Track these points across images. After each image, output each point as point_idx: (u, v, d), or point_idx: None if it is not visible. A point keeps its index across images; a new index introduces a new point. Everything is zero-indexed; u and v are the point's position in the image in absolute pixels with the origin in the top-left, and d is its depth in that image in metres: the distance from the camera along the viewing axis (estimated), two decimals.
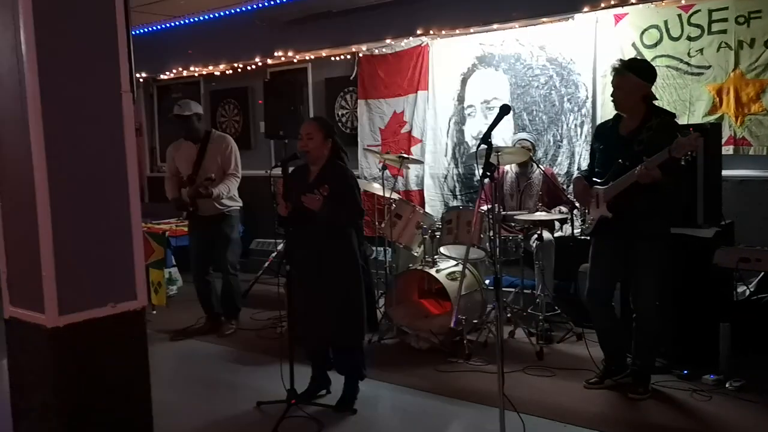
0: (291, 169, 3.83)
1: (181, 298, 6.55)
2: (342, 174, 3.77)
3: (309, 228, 3.70)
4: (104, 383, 1.79)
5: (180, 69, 8.21)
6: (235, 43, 7.61)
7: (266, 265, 6.74)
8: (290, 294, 3.75)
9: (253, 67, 7.65)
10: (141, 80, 8.89)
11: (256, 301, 6.14)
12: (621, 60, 4.00)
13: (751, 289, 4.51)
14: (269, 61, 7.50)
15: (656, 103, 3.90)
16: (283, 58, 7.29)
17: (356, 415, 3.79)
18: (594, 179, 3.95)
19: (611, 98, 3.90)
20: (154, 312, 6.03)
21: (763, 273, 4.52)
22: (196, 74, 8.32)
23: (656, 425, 3.54)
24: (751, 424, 3.49)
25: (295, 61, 7.43)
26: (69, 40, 1.68)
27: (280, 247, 6.66)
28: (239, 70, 7.84)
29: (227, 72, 7.99)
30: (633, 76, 3.79)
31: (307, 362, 3.99)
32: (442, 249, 5.10)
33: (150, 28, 8.27)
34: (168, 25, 8.15)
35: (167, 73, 8.47)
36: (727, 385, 3.92)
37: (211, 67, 7.99)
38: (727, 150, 4.92)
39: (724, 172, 4.55)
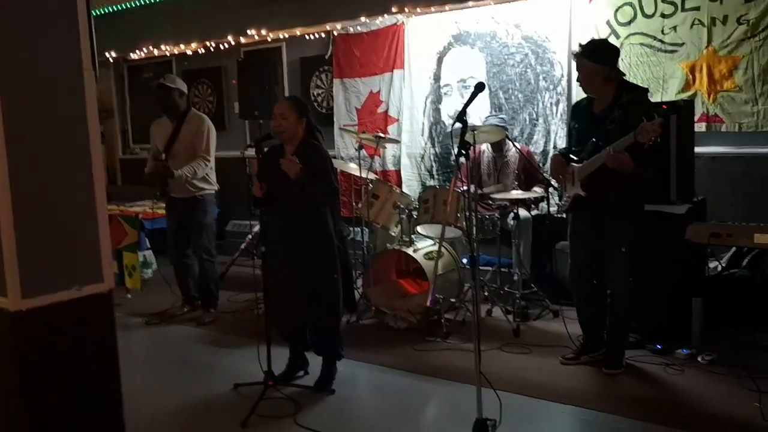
0: (265, 149, 3.79)
1: (156, 281, 6.48)
2: (317, 153, 3.74)
3: (284, 208, 3.67)
4: (70, 367, 1.76)
5: (151, 48, 8.05)
6: (206, 21, 7.47)
7: (243, 246, 6.69)
8: (266, 275, 3.73)
9: (226, 46, 7.53)
10: (111, 60, 8.72)
11: (233, 283, 6.11)
12: (581, 44, 3.98)
13: (723, 265, 4.58)
14: (242, 40, 7.38)
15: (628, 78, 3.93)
16: (256, 37, 7.17)
17: (334, 395, 3.80)
18: (572, 156, 3.96)
19: (580, 84, 3.91)
20: (129, 296, 5.98)
21: (734, 248, 4.59)
22: (168, 53, 8.17)
23: (630, 399, 3.59)
24: (721, 397, 3.55)
25: (268, 39, 7.33)
26: (24, 17, 1.61)
27: (256, 228, 6.60)
28: (212, 49, 7.71)
29: (200, 51, 7.85)
30: (587, 62, 3.80)
31: (284, 343, 3.98)
32: (419, 228, 5.10)
33: (119, 6, 8.09)
34: (138, 3, 7.98)
35: (138, 52, 8.30)
36: (699, 359, 3.99)
37: (182, 46, 7.84)
38: (700, 127, 4.95)
39: (697, 149, 4.59)
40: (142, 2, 7.95)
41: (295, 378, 3.98)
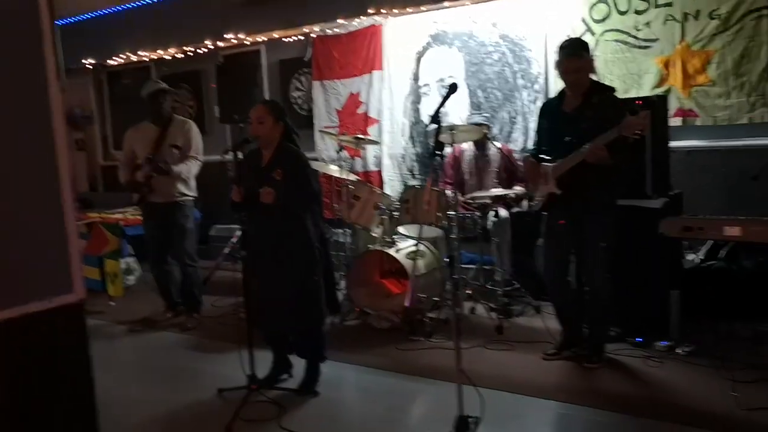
0: (243, 153, 3.80)
1: (139, 287, 6.47)
2: (295, 157, 3.74)
3: (263, 213, 3.67)
4: (41, 380, 1.75)
5: (129, 54, 8.02)
6: (184, 26, 7.46)
7: (226, 251, 6.68)
8: (247, 280, 3.73)
9: (205, 50, 7.52)
10: (89, 67, 8.67)
11: (216, 287, 6.09)
12: (572, 41, 4.01)
13: (701, 257, 4.64)
14: (221, 44, 7.38)
15: (594, 77, 3.97)
16: (234, 41, 7.17)
17: (318, 397, 3.81)
18: (542, 156, 3.99)
19: (569, 81, 3.87)
20: (112, 303, 5.96)
21: (711, 241, 4.65)
22: (146, 59, 8.14)
23: (611, 393, 3.63)
24: (700, 387, 3.60)
25: (247, 43, 7.33)
26: None
27: (239, 232, 6.60)
28: (190, 54, 7.70)
29: (178, 56, 7.83)
30: (588, 57, 3.86)
31: (267, 347, 3.99)
32: (400, 228, 5.13)
33: (96, 13, 8.05)
34: (114, 9, 7.94)
35: (116, 58, 8.26)
36: (678, 351, 4.04)
37: (161, 52, 7.82)
38: (675, 121, 5.02)
39: (672, 143, 4.64)
40: (119, 8, 7.91)
41: (278, 381, 3.98)
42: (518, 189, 5.24)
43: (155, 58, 8.08)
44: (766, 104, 4.73)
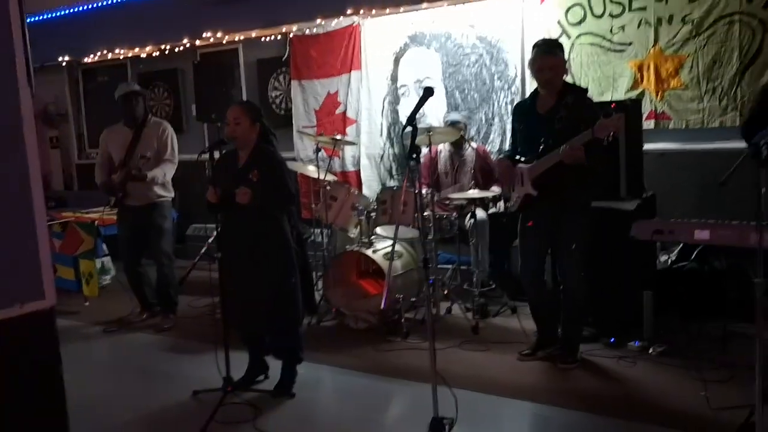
0: (220, 154, 3.79)
1: (115, 287, 6.41)
2: (271, 158, 3.73)
3: (239, 213, 3.66)
4: (11, 387, 1.74)
5: (105, 52, 7.94)
6: (161, 24, 7.39)
7: (203, 251, 6.64)
8: (223, 280, 3.72)
9: (182, 48, 7.47)
10: (64, 64, 8.57)
11: (193, 288, 6.01)
12: (546, 41, 4.06)
13: (673, 258, 4.71)
14: (198, 43, 7.34)
15: (568, 78, 4.03)
16: (212, 39, 7.13)
17: (294, 398, 3.81)
18: (517, 158, 4.03)
19: (542, 79, 3.89)
20: (87, 303, 5.91)
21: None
22: (122, 56, 8.07)
23: (585, 393, 3.67)
24: (671, 387, 3.66)
25: (224, 42, 7.29)
26: None
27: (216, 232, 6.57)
28: (167, 52, 7.64)
29: (155, 54, 7.77)
30: (562, 56, 3.90)
31: (243, 348, 3.98)
32: (378, 229, 5.14)
33: (71, 9, 7.96)
34: (90, 5, 7.85)
35: (91, 55, 8.17)
36: (650, 351, 4.10)
37: (137, 49, 7.75)
38: (648, 124, 5.09)
39: (646, 146, 4.71)
40: (95, 5, 7.83)
41: (254, 383, 3.97)
42: (495, 189, 5.27)
43: (131, 55, 8.00)
44: (737, 108, 4.81)
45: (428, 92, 3.13)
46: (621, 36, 5.21)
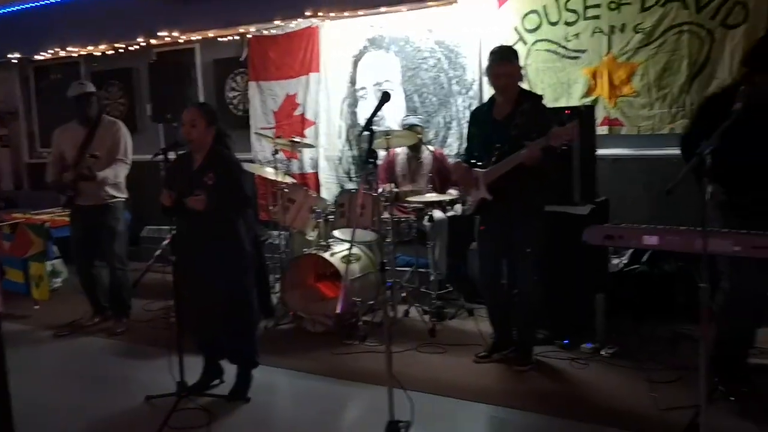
0: (174, 156, 3.74)
1: (66, 290, 6.27)
2: (227, 161, 3.70)
3: (194, 216, 3.61)
4: None
5: (57, 49, 7.75)
6: (116, 22, 7.25)
7: (157, 253, 6.54)
8: (177, 284, 3.67)
9: (137, 47, 7.34)
10: (15, 61, 8.34)
11: (147, 291, 5.95)
12: (502, 48, 4.11)
13: (625, 261, 4.82)
14: (154, 42, 7.22)
15: (523, 85, 4.09)
16: (168, 39, 7.03)
17: (250, 403, 3.78)
18: (473, 162, 4.07)
19: (498, 85, 3.94)
20: (37, 307, 5.76)
21: None
22: (75, 54, 7.89)
23: (539, 395, 3.73)
24: (622, 388, 3.74)
25: (181, 41, 7.19)
26: None
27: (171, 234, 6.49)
28: (122, 50, 7.50)
29: (109, 52, 7.61)
30: (517, 64, 3.95)
31: (198, 352, 3.93)
32: (336, 232, 5.13)
33: (23, 6, 7.74)
34: (43, 2, 7.66)
35: (43, 53, 7.97)
36: (602, 353, 4.18)
37: (91, 48, 7.59)
38: (602, 130, 5.20)
39: (599, 152, 4.80)
40: (48, 2, 7.64)
41: (209, 387, 3.92)
42: (452, 192, 5.31)
43: (85, 53, 7.83)
44: (687, 115, 4.95)
45: (385, 97, 3.14)
46: (575, 43, 5.31)
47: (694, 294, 2.73)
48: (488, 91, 5.65)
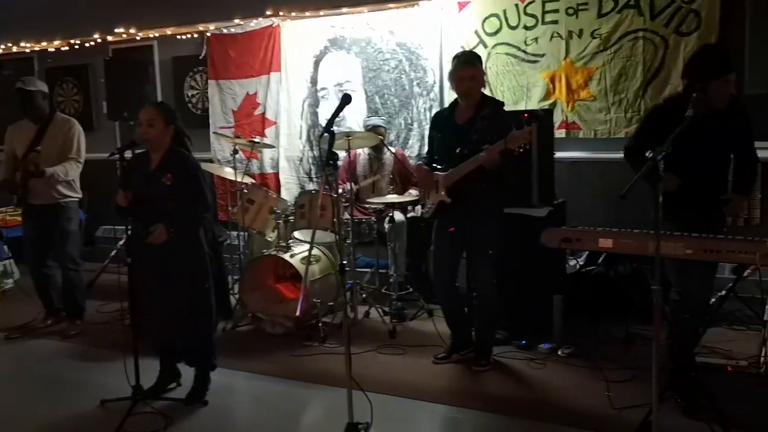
0: (130, 155, 3.67)
1: (18, 292, 6.10)
2: (185, 162, 3.64)
3: (150, 217, 3.55)
4: None
5: (10, 44, 7.55)
6: (71, 18, 7.10)
7: (113, 254, 6.42)
8: (133, 285, 3.60)
9: (93, 43, 7.18)
10: None
11: (102, 292, 5.82)
12: (466, 52, 4.15)
13: (581, 263, 4.90)
14: (110, 38, 7.08)
15: (485, 91, 4.13)
16: (125, 36, 6.90)
17: (207, 406, 3.73)
18: (434, 165, 4.10)
19: (462, 89, 3.94)
20: None
21: None
22: (29, 50, 7.69)
23: (497, 395, 3.77)
24: (578, 388, 3.80)
25: (138, 38, 7.06)
26: None
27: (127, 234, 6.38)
28: (77, 46, 7.33)
29: (64, 48, 7.44)
30: (481, 68, 4.00)
31: (154, 355, 3.87)
32: (296, 233, 5.10)
33: None
34: None
35: None
36: (559, 353, 4.25)
37: (45, 43, 7.41)
38: (560, 133, 5.28)
39: (557, 154, 4.88)
40: None
41: (166, 391, 3.86)
42: (413, 193, 5.34)
43: (39, 49, 7.64)
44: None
45: (346, 99, 3.14)
46: (535, 47, 5.39)
47: (648, 295, 2.79)
48: (448, 94, 5.71)
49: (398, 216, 5.30)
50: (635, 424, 3.15)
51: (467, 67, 3.93)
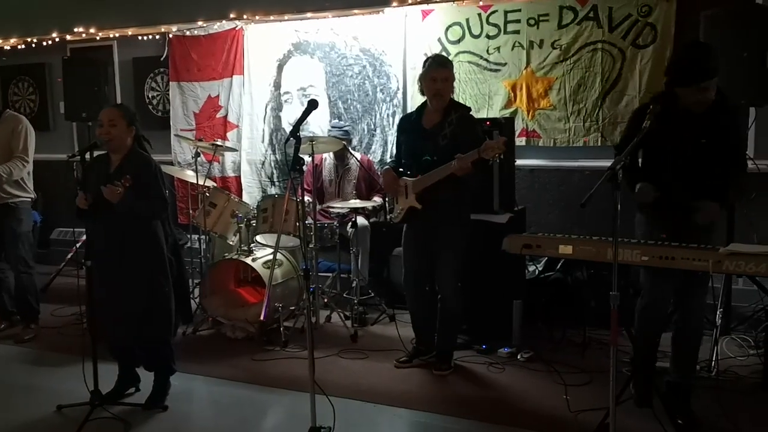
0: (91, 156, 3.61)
1: None
2: (145, 163, 3.61)
3: (109, 219, 3.50)
4: None
5: None
6: (28, 15, 6.94)
7: (69, 256, 6.30)
8: (90, 289, 3.54)
9: (51, 42, 7.04)
10: None
11: (58, 295, 5.72)
12: (440, 55, 4.21)
13: (540, 268, 4.99)
14: (69, 37, 6.94)
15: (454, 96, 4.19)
16: (84, 35, 6.78)
17: (167, 411, 3.69)
18: (401, 170, 4.13)
19: (434, 89, 3.96)
20: None
21: None
22: None
23: (458, 399, 3.81)
24: (537, 391, 3.87)
25: (98, 38, 6.94)
26: None
27: (84, 237, 6.25)
28: (34, 45, 7.17)
29: (20, 46, 7.27)
30: (452, 71, 4.07)
31: (112, 360, 3.81)
32: (258, 237, 5.08)
33: None
34: None
35: None
36: (518, 357, 4.32)
37: (0, 41, 7.23)
38: (520, 141, 5.37)
39: (518, 162, 4.97)
40: None
41: (125, 396, 3.81)
42: (376, 200, 5.36)
43: None
44: (599, 129, 5.19)
45: (312, 105, 3.15)
46: (496, 56, 5.47)
47: (605, 300, 2.87)
48: (412, 100, 5.76)
49: (361, 221, 5.32)
50: (593, 426, 3.23)
51: (441, 69, 3.98)
